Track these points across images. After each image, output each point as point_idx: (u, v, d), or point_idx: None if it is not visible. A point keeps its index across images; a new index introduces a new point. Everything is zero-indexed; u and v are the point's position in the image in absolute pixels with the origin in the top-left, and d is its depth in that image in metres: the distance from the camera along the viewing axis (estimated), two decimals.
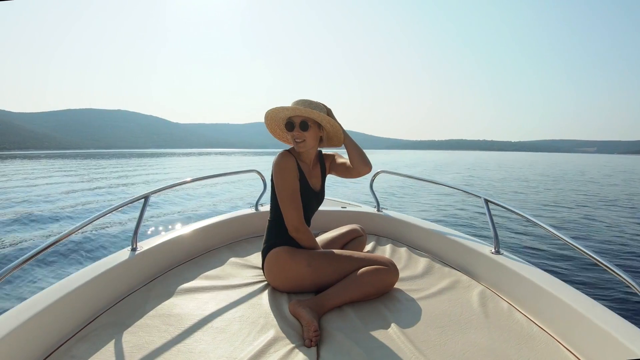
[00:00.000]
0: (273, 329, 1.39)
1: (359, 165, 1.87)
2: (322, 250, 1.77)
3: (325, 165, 2.01)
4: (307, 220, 1.87)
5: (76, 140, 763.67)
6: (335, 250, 1.76)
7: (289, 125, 1.76)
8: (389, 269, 1.68)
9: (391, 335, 1.35)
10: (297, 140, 1.76)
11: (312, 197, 1.87)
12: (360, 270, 1.65)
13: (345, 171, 1.95)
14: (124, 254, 1.78)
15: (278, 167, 1.73)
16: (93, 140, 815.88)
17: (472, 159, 68.66)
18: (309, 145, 1.79)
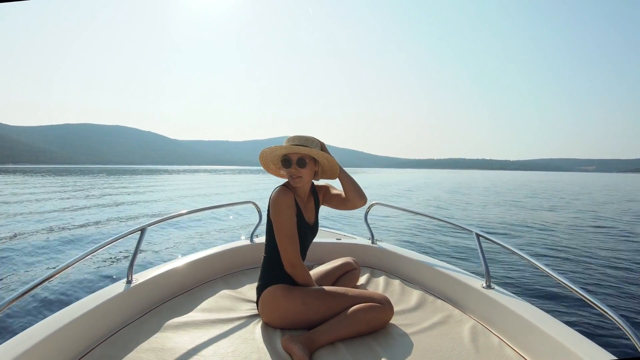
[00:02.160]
0: None
1: (354, 199, 1.92)
2: (317, 287, 1.76)
3: (319, 197, 2.03)
4: (303, 254, 1.87)
5: (72, 155, 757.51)
6: (331, 288, 1.76)
7: (286, 162, 1.77)
8: (384, 307, 1.68)
9: None
10: (293, 177, 1.78)
11: (308, 231, 1.89)
12: (354, 308, 1.65)
13: (340, 203, 1.99)
14: (119, 286, 1.79)
15: (276, 204, 1.73)
16: (89, 156, 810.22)
17: (486, 180, 59.96)
18: (306, 180, 1.82)
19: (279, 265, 1.76)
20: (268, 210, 1.80)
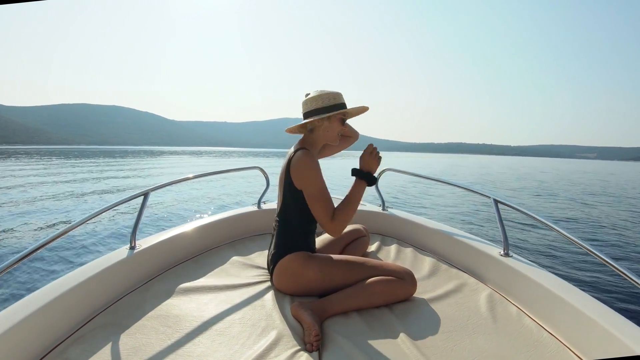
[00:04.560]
0: (274, 332, 1.37)
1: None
2: (336, 256, 1.72)
3: None
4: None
5: (68, 135, 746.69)
6: (350, 257, 1.71)
7: (343, 120, 1.76)
8: (404, 282, 1.59)
9: (396, 340, 1.32)
10: (338, 136, 1.78)
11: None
12: (373, 279, 1.58)
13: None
14: (122, 252, 1.74)
15: (309, 165, 1.64)
16: (85, 136, 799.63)
17: (499, 166, 54.49)
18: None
19: (297, 232, 1.72)
20: (287, 175, 1.69)
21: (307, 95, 1.74)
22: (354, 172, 1.69)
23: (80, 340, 1.29)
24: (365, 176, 1.67)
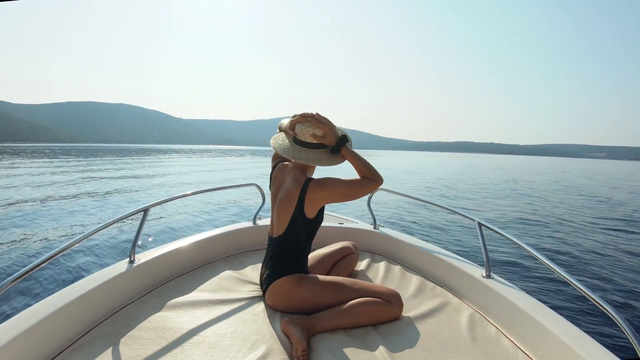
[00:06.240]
0: (264, 346, 1.41)
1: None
2: (328, 277, 1.78)
3: None
4: (313, 237, 1.84)
5: (74, 133, 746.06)
6: (340, 278, 1.77)
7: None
8: (391, 305, 1.65)
9: (378, 357, 1.37)
10: None
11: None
12: (360, 300, 1.64)
13: None
14: (121, 265, 1.81)
15: (327, 182, 1.67)
16: (92, 134, 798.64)
17: (522, 167, 48.74)
18: None
19: (297, 255, 1.78)
20: (300, 204, 1.70)
21: (300, 122, 1.70)
22: (335, 148, 1.71)
23: (80, 349, 1.34)
24: (342, 143, 1.70)
